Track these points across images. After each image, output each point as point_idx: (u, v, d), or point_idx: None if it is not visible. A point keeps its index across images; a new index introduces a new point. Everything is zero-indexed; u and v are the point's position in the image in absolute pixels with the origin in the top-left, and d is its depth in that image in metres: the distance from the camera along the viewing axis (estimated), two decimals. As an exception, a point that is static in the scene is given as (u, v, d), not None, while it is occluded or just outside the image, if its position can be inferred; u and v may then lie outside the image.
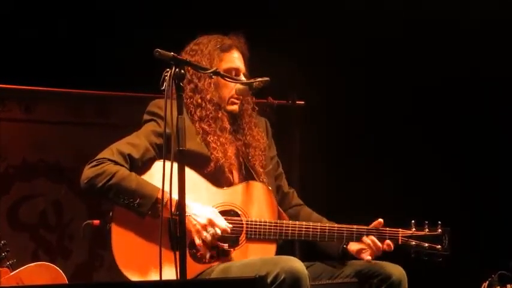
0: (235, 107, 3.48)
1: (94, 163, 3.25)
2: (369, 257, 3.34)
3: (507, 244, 5.19)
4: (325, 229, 3.33)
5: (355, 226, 3.35)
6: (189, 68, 3.38)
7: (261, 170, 3.45)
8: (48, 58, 5.13)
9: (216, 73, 3.17)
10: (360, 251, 3.38)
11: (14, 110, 5.37)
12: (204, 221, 3.20)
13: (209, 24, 3.67)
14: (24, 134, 5.43)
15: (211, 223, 3.21)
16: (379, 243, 3.32)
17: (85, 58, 5.20)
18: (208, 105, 3.41)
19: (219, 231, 3.21)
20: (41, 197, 5.46)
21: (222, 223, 3.23)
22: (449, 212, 3.44)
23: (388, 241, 3.34)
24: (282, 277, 3.00)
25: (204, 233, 3.20)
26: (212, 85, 3.43)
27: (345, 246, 3.40)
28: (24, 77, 5.14)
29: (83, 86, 5.34)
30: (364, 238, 3.33)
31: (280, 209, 3.44)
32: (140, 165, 3.30)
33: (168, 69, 2.96)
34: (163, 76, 2.96)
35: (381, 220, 3.37)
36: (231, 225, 3.27)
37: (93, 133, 5.47)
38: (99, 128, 5.53)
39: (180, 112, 2.93)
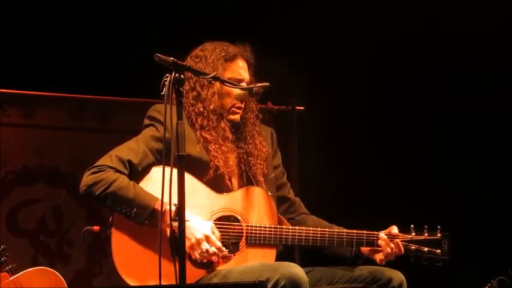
0: (236, 117, 3.46)
1: (93, 170, 3.24)
2: (381, 257, 3.31)
3: (506, 250, 5.19)
4: (325, 234, 3.32)
5: (355, 231, 3.34)
6: (192, 75, 3.38)
7: (262, 179, 3.43)
8: (48, 63, 5.14)
9: (216, 78, 3.17)
10: (372, 251, 3.36)
11: (13, 115, 5.38)
12: (200, 236, 3.18)
13: (210, 28, 3.67)
14: (24, 139, 5.44)
15: (207, 239, 3.20)
16: (392, 244, 3.30)
17: (86, 63, 5.21)
18: (210, 115, 3.40)
19: (211, 250, 3.17)
20: (40, 202, 5.46)
21: (217, 243, 3.20)
22: (450, 217, 3.44)
23: (396, 240, 3.32)
24: (282, 283, 2.99)
25: (198, 250, 3.18)
26: (216, 95, 3.41)
27: (358, 249, 3.37)
28: (24, 81, 5.15)
29: (83, 91, 5.35)
30: (380, 241, 3.31)
31: (280, 215, 3.43)
32: (140, 170, 3.30)
33: (167, 74, 2.96)
34: (163, 81, 2.96)
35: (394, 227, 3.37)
36: (220, 245, 3.23)
37: (93, 139, 5.48)
38: (99, 133, 5.54)
39: (179, 117, 2.93)
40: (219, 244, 3.20)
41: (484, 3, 5.26)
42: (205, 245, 3.17)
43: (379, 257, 3.34)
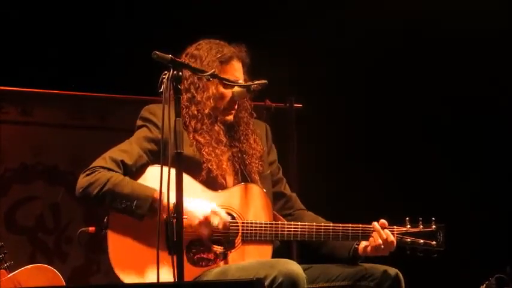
0: (230, 117, 3.45)
1: (87, 172, 3.25)
2: (374, 244, 3.29)
3: (505, 247, 5.20)
4: (321, 228, 3.32)
5: (350, 225, 3.34)
6: (187, 77, 3.38)
7: (257, 177, 3.43)
8: (47, 60, 5.14)
9: (214, 76, 3.16)
10: (366, 247, 3.34)
11: (11, 112, 5.37)
12: (207, 210, 3.19)
13: (209, 25, 3.68)
14: (22, 137, 5.44)
15: (215, 213, 3.21)
16: (392, 237, 3.29)
17: (84, 61, 5.20)
18: (205, 119, 3.39)
19: (221, 225, 3.19)
20: (38, 200, 5.46)
21: (223, 214, 3.23)
22: (448, 215, 3.43)
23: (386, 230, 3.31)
24: (280, 280, 2.99)
25: (207, 227, 3.19)
26: (211, 99, 3.40)
27: (356, 246, 3.36)
28: (22, 79, 5.15)
29: (82, 89, 5.35)
30: (376, 234, 3.29)
31: (275, 212, 3.43)
32: (133, 171, 3.29)
33: (166, 72, 2.96)
34: (161, 78, 2.96)
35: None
36: (229, 217, 3.27)
37: (91, 136, 5.48)
38: (98, 131, 5.54)
39: (177, 115, 2.93)
40: (228, 217, 3.22)
41: (484, 4, 5.27)
42: (215, 220, 3.18)
43: (371, 245, 3.31)
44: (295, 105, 5.07)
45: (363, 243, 3.35)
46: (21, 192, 5.42)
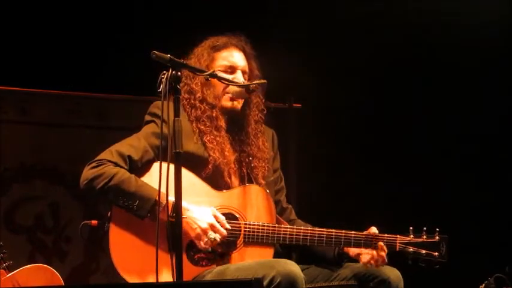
0: (232, 104, 3.44)
1: (94, 164, 3.24)
2: (366, 259, 3.31)
3: (504, 247, 5.20)
4: (323, 234, 3.32)
5: (353, 232, 3.34)
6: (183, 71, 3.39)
7: (263, 181, 3.44)
8: (46, 59, 5.13)
9: (213, 75, 3.17)
10: (359, 253, 3.36)
11: (10, 112, 5.37)
12: (204, 225, 3.20)
13: (210, 26, 3.67)
14: (22, 136, 5.43)
15: (212, 228, 3.20)
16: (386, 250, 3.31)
17: (83, 60, 5.20)
18: (201, 105, 3.41)
19: (218, 238, 3.20)
20: (38, 199, 5.46)
21: (222, 229, 3.22)
22: (447, 214, 3.43)
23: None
24: (278, 280, 3.00)
25: (205, 238, 3.19)
26: (200, 84, 3.42)
27: (341, 249, 3.38)
28: (21, 78, 5.15)
29: (81, 88, 5.34)
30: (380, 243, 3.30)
31: (278, 216, 3.43)
32: (139, 166, 3.30)
33: (165, 72, 2.96)
34: (160, 78, 2.96)
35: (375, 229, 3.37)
36: (229, 227, 3.27)
37: (91, 136, 5.47)
38: (97, 130, 5.53)
39: (176, 114, 2.93)
40: (225, 232, 3.21)
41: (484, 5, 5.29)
42: (211, 234, 3.18)
43: (364, 258, 3.33)
44: (295, 105, 5.07)
45: (355, 250, 3.35)
46: (21, 192, 5.41)
